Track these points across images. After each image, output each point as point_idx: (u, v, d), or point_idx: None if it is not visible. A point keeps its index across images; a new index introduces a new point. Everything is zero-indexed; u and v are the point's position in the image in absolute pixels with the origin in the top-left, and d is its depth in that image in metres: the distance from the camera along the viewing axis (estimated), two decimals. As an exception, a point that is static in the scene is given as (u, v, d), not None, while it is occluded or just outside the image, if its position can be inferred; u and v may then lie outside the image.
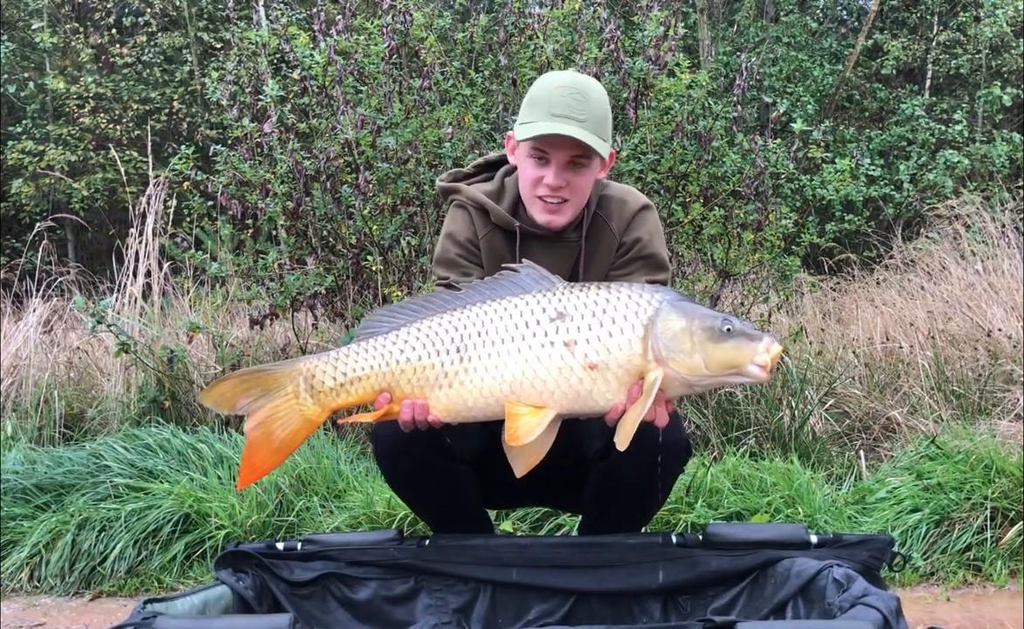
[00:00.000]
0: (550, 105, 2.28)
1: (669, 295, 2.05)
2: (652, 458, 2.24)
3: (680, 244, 5.02)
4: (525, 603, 2.26)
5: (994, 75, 11.74)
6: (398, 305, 2.21)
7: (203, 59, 12.44)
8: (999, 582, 3.40)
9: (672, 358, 1.98)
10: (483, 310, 2.09)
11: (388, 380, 2.11)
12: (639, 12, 5.28)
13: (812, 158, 5.08)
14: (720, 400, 4.71)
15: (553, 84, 2.33)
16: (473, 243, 2.47)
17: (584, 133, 2.26)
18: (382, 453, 2.40)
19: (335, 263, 5.03)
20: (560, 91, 2.29)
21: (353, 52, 4.97)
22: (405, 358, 2.10)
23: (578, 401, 2.03)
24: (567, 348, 2.01)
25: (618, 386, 2.01)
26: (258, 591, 2.19)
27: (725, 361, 1.98)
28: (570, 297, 2.06)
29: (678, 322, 1.99)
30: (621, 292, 2.05)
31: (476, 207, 2.47)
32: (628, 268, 2.43)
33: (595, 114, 2.29)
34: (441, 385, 2.08)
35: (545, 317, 2.04)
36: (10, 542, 4.00)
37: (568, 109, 2.27)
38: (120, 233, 6.32)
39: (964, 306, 5.66)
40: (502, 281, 2.13)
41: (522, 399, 2.04)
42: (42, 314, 6.21)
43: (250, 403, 2.15)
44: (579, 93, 2.29)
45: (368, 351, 2.13)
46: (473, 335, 2.07)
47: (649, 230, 2.46)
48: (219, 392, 2.18)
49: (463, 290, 2.16)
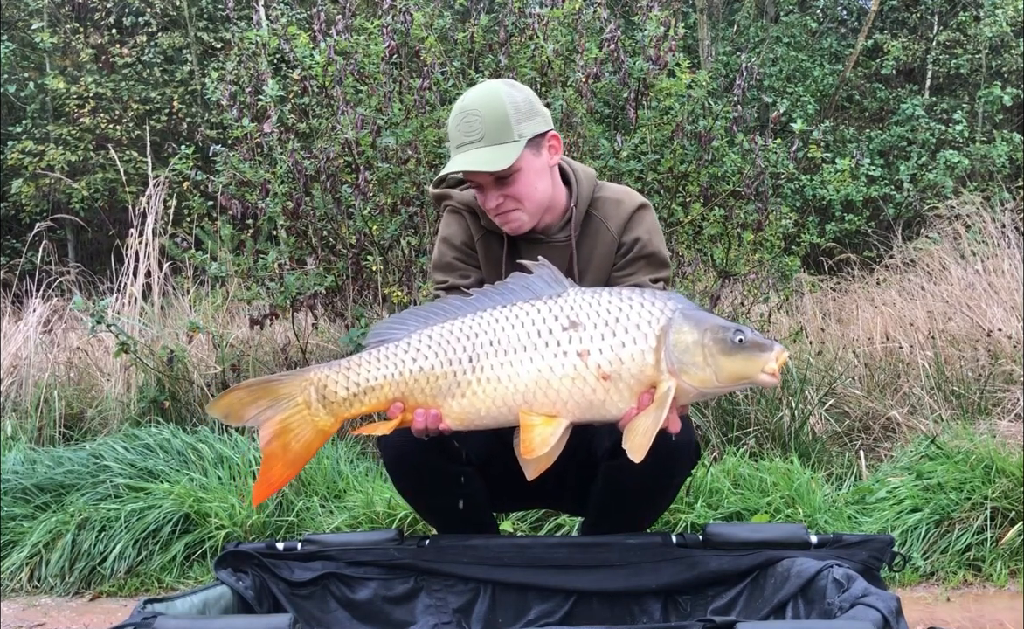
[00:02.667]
0: (453, 139, 2.31)
1: (680, 303, 2.04)
2: (662, 460, 2.23)
3: (680, 244, 5.02)
4: (525, 603, 2.26)
5: (994, 75, 11.74)
6: (408, 312, 2.18)
7: (203, 59, 12.45)
8: (999, 582, 3.40)
9: (684, 371, 1.99)
10: (495, 317, 2.07)
11: (402, 389, 2.09)
12: (639, 12, 5.28)
13: (812, 158, 5.08)
14: (720, 400, 4.71)
15: (453, 117, 2.32)
16: (469, 245, 2.48)
17: (478, 155, 2.25)
18: (389, 462, 2.41)
19: (335, 263, 5.03)
20: (455, 121, 2.30)
21: (353, 52, 4.97)
22: (418, 367, 2.08)
23: (591, 410, 2.03)
24: (580, 358, 2.01)
25: (630, 396, 2.01)
26: (258, 591, 2.19)
27: (737, 373, 1.99)
28: (582, 304, 2.05)
29: (690, 335, 1.99)
30: (633, 300, 2.04)
31: (469, 211, 2.48)
32: (631, 268, 2.43)
33: (489, 123, 2.26)
34: (454, 394, 2.07)
35: (558, 326, 2.03)
36: (10, 542, 4.00)
37: (463, 136, 2.28)
38: (120, 233, 6.32)
39: (964, 306, 5.66)
40: (513, 285, 2.11)
41: (535, 408, 2.03)
42: (42, 314, 6.21)
43: (259, 414, 2.11)
44: (468, 115, 2.27)
45: (381, 360, 2.11)
46: (485, 344, 2.05)
47: (647, 229, 2.45)
48: (227, 403, 2.13)
49: (474, 295, 2.14)
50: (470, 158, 2.26)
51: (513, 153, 2.25)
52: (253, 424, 2.14)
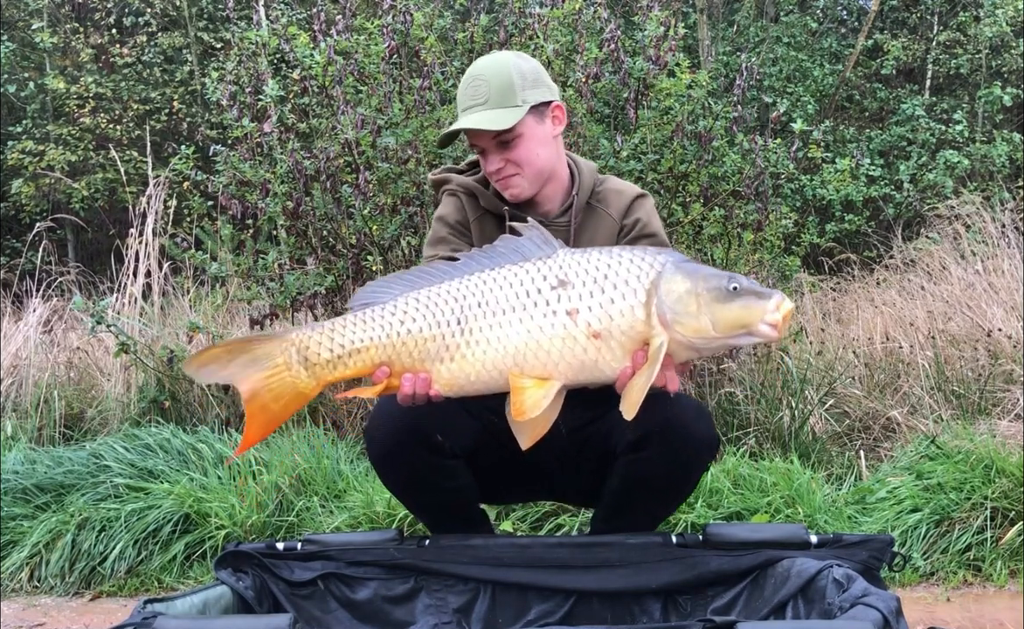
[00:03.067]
0: (460, 102, 2.39)
1: (672, 256, 1.99)
2: (681, 452, 2.23)
3: (680, 244, 5.02)
4: (525, 603, 2.26)
5: (994, 75, 11.74)
6: (394, 276, 2.13)
7: (203, 59, 12.45)
8: (999, 582, 3.40)
9: (678, 322, 1.92)
10: (483, 279, 2.02)
11: (388, 353, 2.03)
12: (639, 12, 5.28)
13: (812, 158, 5.08)
14: (720, 400, 4.71)
15: (461, 83, 2.41)
16: (463, 224, 2.50)
17: (484, 115, 2.32)
18: (375, 457, 2.39)
19: (335, 263, 5.03)
20: (463, 86, 2.40)
21: (353, 52, 4.97)
22: (406, 330, 2.02)
23: (583, 371, 1.98)
24: (570, 317, 1.96)
25: (623, 354, 1.96)
26: (258, 591, 2.19)
27: (734, 321, 1.91)
28: (571, 263, 2.00)
29: (682, 284, 1.92)
30: (623, 256, 2.00)
31: (466, 193, 2.52)
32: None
33: (494, 88, 2.34)
34: (442, 358, 2.01)
35: (546, 285, 1.98)
36: (10, 542, 4.00)
37: (470, 99, 2.36)
38: (120, 233, 6.32)
39: (964, 306, 5.65)
40: (502, 248, 2.08)
41: (526, 371, 1.98)
42: (42, 314, 6.21)
43: (236, 372, 2.06)
44: (476, 79, 2.37)
45: (366, 322, 2.05)
46: (473, 305, 2.00)
47: (648, 213, 2.48)
48: (203, 360, 2.09)
49: (462, 259, 2.11)
50: (474, 119, 2.33)
51: (516, 115, 2.31)
52: (230, 382, 2.11)
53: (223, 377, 2.10)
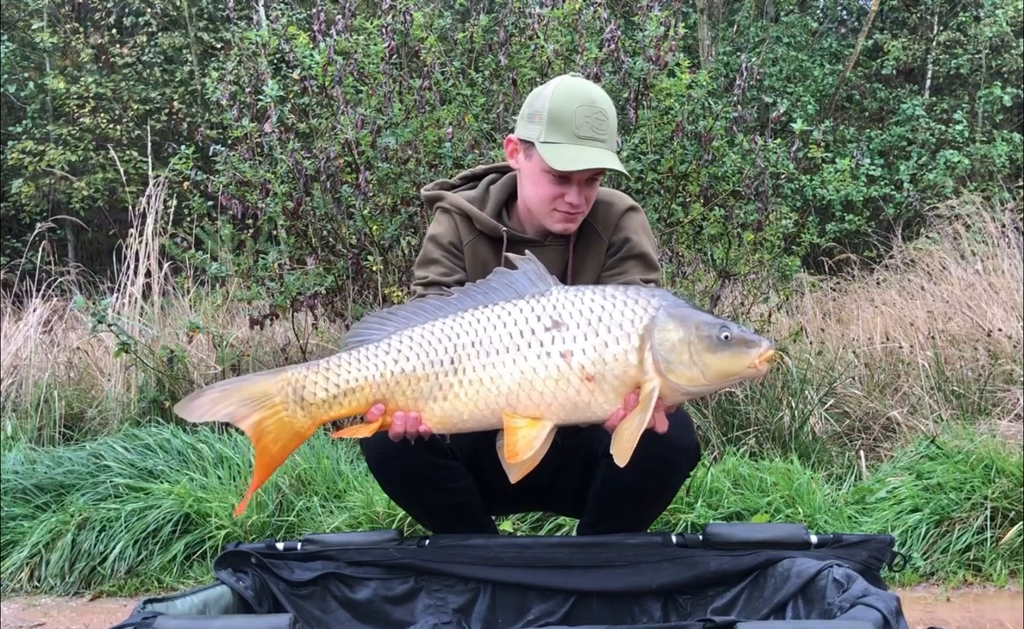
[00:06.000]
0: (574, 126, 2.28)
1: (665, 301, 2.01)
2: (662, 460, 2.23)
3: (680, 244, 5.02)
4: (525, 603, 2.26)
5: (994, 75, 11.74)
6: (388, 311, 2.13)
7: (203, 59, 12.44)
8: (999, 582, 3.40)
9: (671, 370, 1.95)
10: (477, 317, 2.03)
11: (383, 391, 2.03)
12: (639, 12, 5.27)
13: (812, 158, 5.07)
14: (720, 400, 4.71)
15: (575, 101, 2.30)
16: (456, 246, 2.48)
17: (609, 156, 2.30)
18: (372, 459, 2.39)
19: (335, 263, 5.03)
20: (583, 111, 2.29)
21: (353, 52, 4.97)
22: (400, 369, 2.03)
23: (576, 412, 1.99)
24: (563, 359, 1.97)
25: (615, 396, 1.98)
26: (258, 591, 2.19)
27: (724, 371, 1.96)
28: (565, 304, 2.01)
29: (675, 333, 1.95)
30: (616, 299, 2.00)
31: (460, 214, 2.48)
32: (621, 267, 2.44)
33: (612, 130, 2.33)
34: (435, 397, 2.02)
35: (540, 326, 1.99)
36: (10, 542, 4.00)
37: (592, 131, 2.29)
38: (120, 233, 6.32)
39: (964, 306, 5.66)
40: (495, 283, 2.07)
41: (518, 411, 1.99)
42: (42, 314, 6.21)
43: (235, 412, 2.04)
44: (600, 113, 2.31)
45: (361, 361, 2.04)
46: (467, 345, 2.00)
47: (636, 230, 2.46)
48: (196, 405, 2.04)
49: (455, 294, 2.10)
50: (602, 156, 2.30)
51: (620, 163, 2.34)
52: (229, 421, 2.08)
53: (222, 416, 2.06)
